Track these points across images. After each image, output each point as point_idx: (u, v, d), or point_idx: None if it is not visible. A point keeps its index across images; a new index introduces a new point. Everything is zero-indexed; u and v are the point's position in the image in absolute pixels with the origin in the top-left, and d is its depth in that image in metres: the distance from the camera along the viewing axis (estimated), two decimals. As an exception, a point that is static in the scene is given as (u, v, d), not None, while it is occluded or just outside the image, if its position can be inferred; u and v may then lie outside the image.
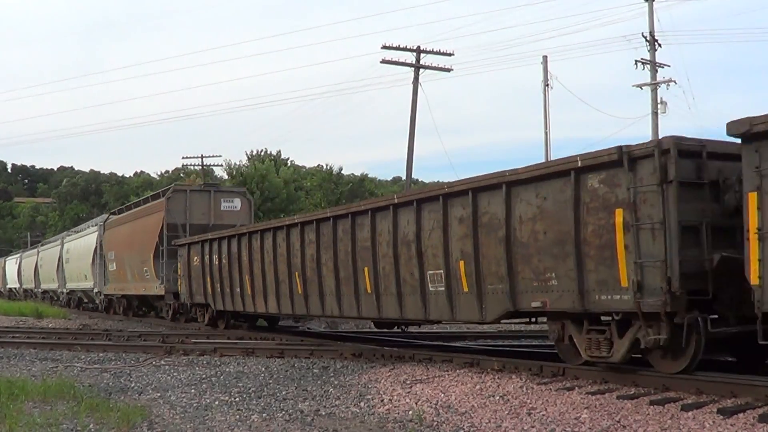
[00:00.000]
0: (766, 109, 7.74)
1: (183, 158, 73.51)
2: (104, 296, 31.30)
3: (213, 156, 62.76)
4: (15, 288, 54.16)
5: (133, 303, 29.19)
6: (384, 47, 34.94)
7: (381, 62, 35.33)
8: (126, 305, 29.63)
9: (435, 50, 35.86)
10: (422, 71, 35.66)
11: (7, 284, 57.91)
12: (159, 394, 10.66)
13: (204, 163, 61.67)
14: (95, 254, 31.65)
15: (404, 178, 41.95)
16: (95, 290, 32.15)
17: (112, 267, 29.47)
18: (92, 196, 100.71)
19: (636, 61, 33.64)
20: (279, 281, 16.71)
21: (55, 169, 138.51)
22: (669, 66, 35.14)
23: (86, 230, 36.33)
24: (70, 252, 36.55)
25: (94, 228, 33.33)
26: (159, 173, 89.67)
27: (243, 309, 19.04)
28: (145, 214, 26.57)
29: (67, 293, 37.85)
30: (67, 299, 38.09)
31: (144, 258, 25.52)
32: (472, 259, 11.34)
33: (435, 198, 12.08)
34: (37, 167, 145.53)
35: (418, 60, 35.44)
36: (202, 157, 61.07)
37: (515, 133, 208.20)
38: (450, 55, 36.26)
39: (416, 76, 35.46)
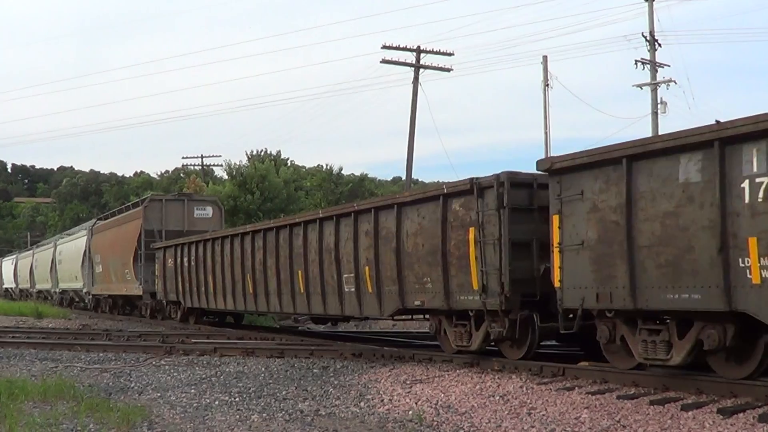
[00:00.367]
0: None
1: (183, 158, 73.68)
2: (92, 296, 33.08)
3: (213, 156, 63.06)
4: (11, 288, 56.13)
5: (118, 302, 30.98)
6: (384, 47, 34.97)
7: (381, 62, 35.34)
8: (112, 304, 31.51)
9: (435, 50, 35.88)
10: (422, 71, 35.67)
11: (4, 284, 59.88)
12: (159, 394, 10.67)
13: (204, 163, 61.84)
14: (84, 257, 33.32)
15: (404, 178, 41.97)
16: (84, 290, 33.98)
17: (99, 269, 31.43)
18: (92, 196, 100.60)
19: (636, 61, 33.65)
20: (235, 282, 19.22)
21: (55, 169, 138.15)
22: (669, 66, 35.18)
23: (77, 234, 38.03)
24: (63, 254, 38.35)
25: (84, 232, 35.05)
26: (159, 173, 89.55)
27: (207, 306, 21.51)
28: (126, 221, 28.92)
29: (60, 293, 39.53)
30: (60, 298, 39.69)
31: (125, 261, 27.60)
32: (375, 265, 13.61)
33: (348, 214, 14.41)
34: (37, 167, 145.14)
35: (418, 60, 35.46)
36: (202, 157, 61.29)
37: (515, 133, 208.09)
38: (450, 55, 36.29)
39: (416, 76, 35.47)
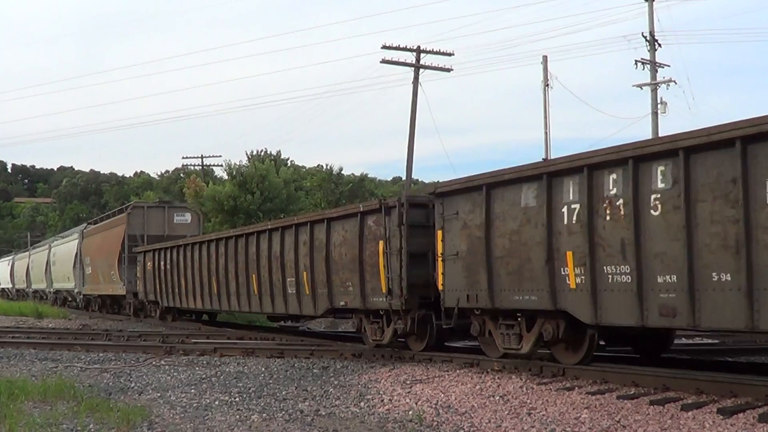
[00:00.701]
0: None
1: (183, 158, 73.54)
2: (83, 296, 35.14)
3: (213, 156, 62.95)
4: (8, 288, 58.02)
5: (107, 302, 32.78)
6: (384, 47, 34.91)
7: (381, 62, 35.29)
8: (101, 304, 33.45)
9: (435, 50, 35.80)
10: (422, 71, 35.60)
11: (0, 284, 61.57)
12: (159, 394, 10.67)
13: (204, 163, 61.78)
14: (76, 259, 35.25)
15: (404, 178, 41.98)
16: (76, 290, 35.89)
17: (89, 270, 33.51)
18: (92, 196, 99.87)
19: (636, 61, 33.59)
20: (203, 284, 21.57)
21: (55, 169, 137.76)
22: (669, 66, 35.10)
23: (69, 237, 39.89)
24: (56, 256, 40.28)
25: (75, 235, 36.98)
26: (159, 173, 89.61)
27: (180, 305, 23.75)
28: (112, 226, 31.17)
29: (54, 293, 41.41)
30: (54, 298, 41.51)
31: (111, 263, 29.77)
32: (310, 271, 15.89)
33: (291, 226, 16.73)
34: (37, 167, 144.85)
35: (418, 60, 35.41)
36: (202, 157, 61.20)
37: (515, 133, 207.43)
38: (450, 55, 36.23)
39: (416, 76, 35.43)
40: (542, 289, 10.43)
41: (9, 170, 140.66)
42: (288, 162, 56.07)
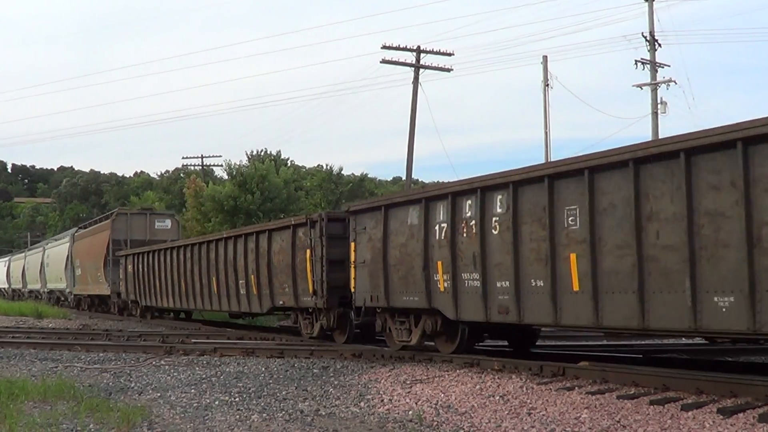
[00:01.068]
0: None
1: (183, 158, 73.71)
2: (74, 295, 37.55)
3: (213, 156, 63.16)
4: (4, 288, 60.04)
5: (95, 301, 35.02)
6: (384, 47, 34.96)
7: (381, 62, 35.36)
8: (90, 303, 35.67)
9: (435, 50, 35.87)
10: (422, 71, 35.67)
11: None
12: (159, 394, 10.67)
13: (204, 163, 61.84)
14: (67, 261, 37.65)
15: (404, 178, 41.99)
16: (68, 290, 38.30)
17: (79, 272, 36.01)
18: (92, 196, 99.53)
19: (636, 61, 33.62)
20: (174, 285, 24.29)
21: (55, 169, 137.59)
22: (669, 66, 35.11)
23: (62, 240, 42.09)
24: (50, 258, 42.74)
25: (67, 239, 39.33)
26: (159, 173, 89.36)
27: (156, 304, 26.35)
28: (98, 231, 33.76)
29: (48, 293, 43.72)
30: (48, 297, 43.71)
31: (97, 265, 32.24)
32: (257, 275, 18.57)
33: (241, 236, 19.75)
34: (37, 167, 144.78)
35: (418, 60, 35.45)
36: (202, 157, 61.39)
37: (515, 133, 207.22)
38: (450, 55, 36.31)
39: (416, 76, 35.47)
40: (421, 292, 12.87)
41: (9, 170, 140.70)
42: (288, 162, 56.15)
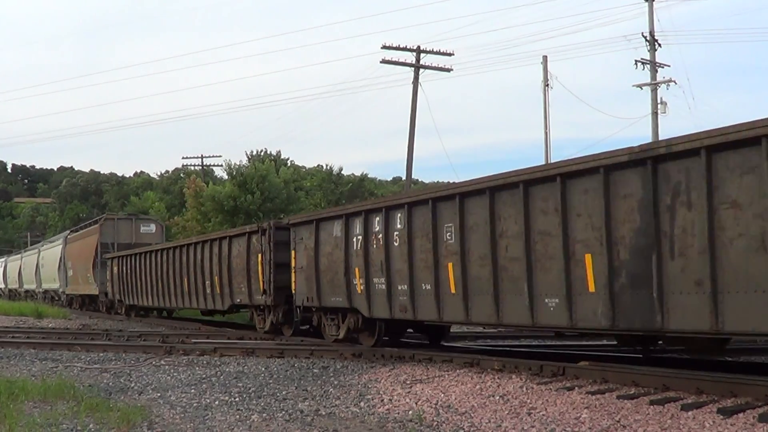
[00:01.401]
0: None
1: (183, 158, 73.83)
2: (66, 295, 39.55)
3: (213, 156, 63.24)
4: (1, 288, 62.20)
5: (85, 300, 36.85)
6: (384, 47, 35.07)
7: (381, 62, 35.51)
8: (81, 302, 37.55)
9: (435, 50, 35.99)
10: (422, 71, 35.80)
11: None
12: (159, 394, 10.67)
13: (204, 163, 61.88)
14: (60, 262, 39.70)
15: (404, 178, 41.98)
16: (61, 290, 40.39)
17: (70, 273, 38.05)
18: (92, 197, 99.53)
19: (636, 61, 33.73)
20: (152, 285, 26.65)
21: (55, 169, 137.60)
22: (669, 66, 35.20)
23: (56, 242, 44.16)
24: (45, 259, 44.78)
25: (60, 241, 41.43)
26: (159, 173, 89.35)
27: (137, 303, 28.60)
28: (88, 235, 35.75)
29: (42, 292, 45.67)
30: (43, 297, 45.49)
31: (87, 267, 34.31)
32: (219, 276, 20.97)
33: (207, 241, 22.17)
34: (37, 167, 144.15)
35: (418, 60, 35.54)
36: (202, 157, 61.60)
37: (515, 133, 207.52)
38: (450, 55, 36.45)
39: (416, 76, 35.56)
40: (344, 293, 14.99)
41: (9, 170, 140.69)
42: (288, 162, 56.24)
